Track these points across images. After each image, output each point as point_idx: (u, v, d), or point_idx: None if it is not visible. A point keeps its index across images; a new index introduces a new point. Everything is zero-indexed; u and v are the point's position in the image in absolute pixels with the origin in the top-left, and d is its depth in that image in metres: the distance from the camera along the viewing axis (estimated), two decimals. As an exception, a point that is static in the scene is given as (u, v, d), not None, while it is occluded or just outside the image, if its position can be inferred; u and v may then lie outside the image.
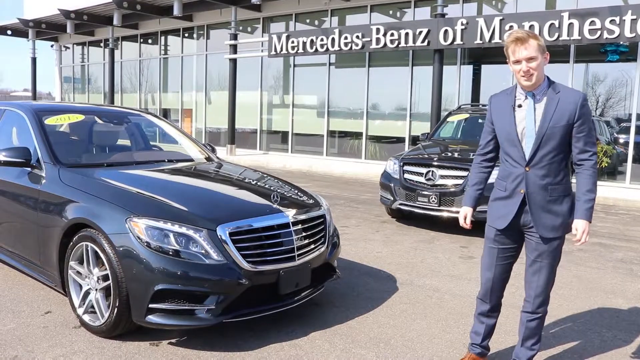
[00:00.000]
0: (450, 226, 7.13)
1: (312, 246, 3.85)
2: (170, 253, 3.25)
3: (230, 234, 3.37)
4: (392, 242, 6.43)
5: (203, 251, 3.29)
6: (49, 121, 4.46)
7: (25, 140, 4.33)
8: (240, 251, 3.38)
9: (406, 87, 14.43)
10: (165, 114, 21.09)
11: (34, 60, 24.24)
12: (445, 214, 6.79)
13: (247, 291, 3.41)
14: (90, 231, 3.47)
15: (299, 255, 3.68)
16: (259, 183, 4.45)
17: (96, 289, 3.51)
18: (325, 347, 3.52)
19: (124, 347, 3.40)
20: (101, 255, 3.41)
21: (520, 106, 2.96)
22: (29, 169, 4.11)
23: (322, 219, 4.07)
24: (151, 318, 3.25)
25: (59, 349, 3.35)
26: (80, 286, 3.62)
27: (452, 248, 6.22)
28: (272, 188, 4.25)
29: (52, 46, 24.85)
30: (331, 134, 16.03)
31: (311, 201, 4.21)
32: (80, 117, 4.74)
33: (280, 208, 3.74)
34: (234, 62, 16.54)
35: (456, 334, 3.79)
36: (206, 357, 3.32)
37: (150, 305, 3.23)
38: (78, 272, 3.63)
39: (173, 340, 3.50)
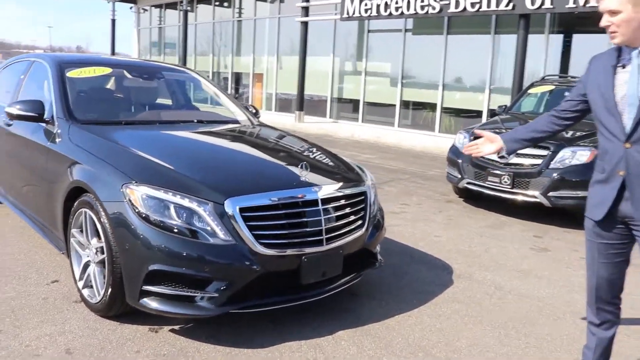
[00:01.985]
0: (524, 211, 6.25)
1: (347, 228, 3.22)
2: (169, 228, 2.74)
3: (242, 210, 2.80)
4: (455, 226, 5.67)
5: (208, 228, 2.76)
6: (72, 74, 4.07)
7: (45, 94, 3.96)
8: (253, 230, 2.81)
9: (487, 57, 13.21)
10: (238, 78, 20.88)
11: (113, 22, 24.81)
12: (519, 198, 5.92)
13: (259, 279, 2.86)
14: (89, 197, 3.04)
15: (328, 239, 3.07)
16: (292, 151, 3.84)
17: (94, 262, 3.08)
18: (351, 351, 2.92)
19: (119, 330, 2.97)
20: (97, 224, 2.96)
21: (623, 67, 2.25)
22: (43, 124, 3.74)
23: (362, 197, 3.43)
24: (145, 302, 2.78)
25: (48, 326, 2.97)
26: (81, 257, 3.22)
27: (523, 237, 5.38)
28: (305, 157, 3.64)
29: (130, 8, 25.24)
30: (404, 104, 15.11)
31: (351, 175, 3.57)
32: (106, 71, 4.32)
33: (310, 181, 3.13)
34: (305, 25, 15.89)
35: (516, 348, 3.07)
36: (207, 351, 2.82)
37: (144, 287, 2.76)
38: (79, 242, 3.23)
39: (176, 327, 3.03)
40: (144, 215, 2.75)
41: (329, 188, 3.19)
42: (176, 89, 4.84)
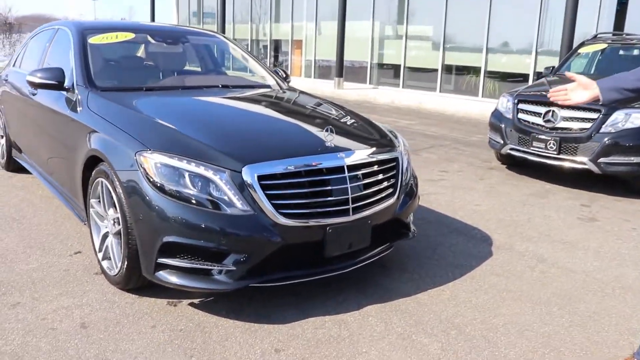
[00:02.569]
0: (571, 179, 5.87)
1: (376, 197, 3.01)
2: (183, 198, 2.59)
3: (260, 178, 2.62)
4: (496, 194, 5.36)
5: (225, 197, 2.59)
6: (94, 40, 3.94)
7: (69, 61, 3.86)
8: (272, 200, 2.63)
9: (534, 18, 12.49)
10: (277, 46, 20.61)
11: (154, -8, 24.79)
12: (566, 164, 5.53)
13: (280, 251, 2.69)
14: (105, 166, 2.92)
15: (355, 208, 2.86)
16: (319, 116, 3.62)
17: (112, 233, 2.99)
18: (378, 329, 2.74)
19: (137, 304, 2.88)
20: (113, 194, 2.85)
21: None
22: (64, 92, 3.64)
23: (393, 164, 3.19)
24: (161, 275, 2.66)
25: (66, 299, 2.91)
26: (99, 228, 3.13)
27: (569, 206, 5.03)
28: (333, 122, 3.42)
29: (171, -22, 25.17)
30: (446, 69, 14.56)
31: (382, 140, 3.33)
32: (129, 36, 4.17)
33: (336, 147, 2.92)
34: (343, -12, 15.42)
35: (558, 327, 2.82)
36: (226, 327, 2.69)
37: (159, 260, 2.64)
38: (97, 212, 3.14)
39: (195, 301, 2.92)
40: (157, 185, 2.61)
41: (356, 154, 2.97)
42: (202, 54, 4.66)
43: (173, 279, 2.64)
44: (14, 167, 5.25)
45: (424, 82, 15.03)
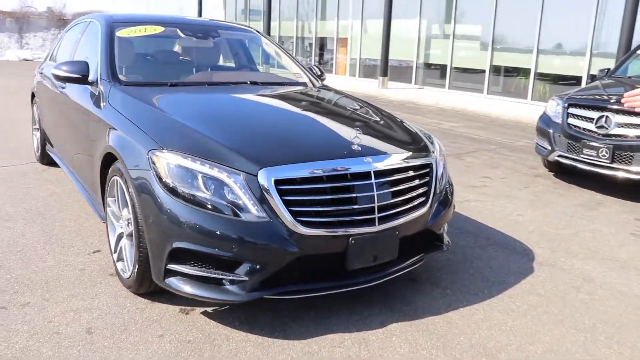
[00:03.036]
0: (624, 190, 5.44)
1: (405, 206, 2.77)
2: (195, 201, 2.42)
3: (277, 182, 2.43)
4: (542, 204, 5.01)
5: (239, 202, 2.41)
6: (121, 33, 3.85)
7: (97, 55, 3.77)
8: (290, 206, 2.44)
9: (588, 18, 11.85)
10: (322, 43, 20.43)
11: (202, -11, 25.08)
12: (619, 174, 5.12)
13: (297, 262, 2.49)
14: (120, 164, 2.80)
15: (381, 218, 2.64)
16: (349, 117, 3.40)
17: (126, 235, 2.86)
18: (402, 350, 2.51)
19: (148, 309, 2.74)
20: (126, 193, 2.72)
21: None
22: (89, 86, 3.56)
23: (426, 170, 2.95)
24: (171, 281, 2.51)
25: (76, 301, 2.80)
26: (115, 228, 3.02)
27: (622, 220, 4.63)
28: (363, 124, 3.20)
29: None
30: (494, 70, 14.04)
31: (415, 144, 3.09)
32: (157, 29, 4.06)
33: (363, 151, 2.70)
34: (390, -14, 15.10)
35: (604, 358, 2.51)
36: (237, 340, 2.52)
37: (169, 266, 2.49)
38: (113, 212, 3.02)
39: (209, 310, 2.76)
40: (169, 186, 2.46)
41: (385, 159, 2.75)
42: (233, 48, 4.52)
43: (183, 286, 2.48)
44: (47, 160, 5.26)
45: (471, 84, 14.55)
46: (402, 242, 2.78)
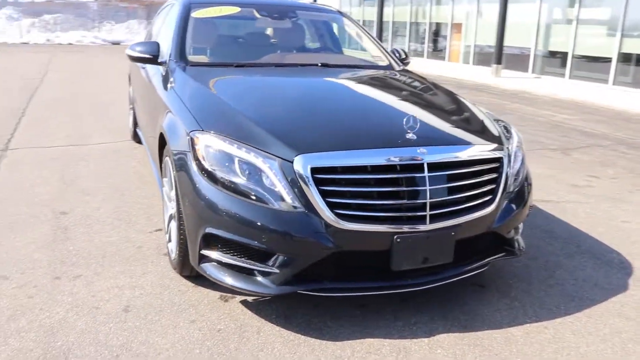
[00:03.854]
0: None
1: (465, 204, 2.46)
2: (228, 186, 2.31)
3: (314, 170, 2.24)
4: (656, 211, 4.34)
5: (275, 190, 2.26)
6: (197, 14, 3.84)
7: (173, 35, 3.80)
8: (328, 197, 2.24)
9: None
10: (436, 29, 19.67)
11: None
12: None
13: (334, 257, 2.30)
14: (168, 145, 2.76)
15: (434, 215, 2.36)
16: (415, 103, 3.08)
17: (174, 216, 2.83)
18: (444, 366, 2.23)
19: (189, 293, 2.70)
20: (171, 175, 2.68)
21: None
22: (160, 67, 3.59)
23: (495, 165, 2.60)
24: (206, 267, 2.43)
25: (124, 278, 2.83)
26: (167, 209, 3.01)
27: None
28: (427, 111, 2.90)
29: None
30: (623, 58, 12.61)
31: (484, 135, 2.75)
32: (233, 10, 4.01)
33: (419, 139, 2.43)
34: (509, -34, 14.10)
35: (701, 407, 2.06)
36: (268, 334, 2.39)
37: (202, 252, 2.41)
38: (166, 192, 3.01)
39: (249, 300, 2.66)
40: (205, 169, 2.37)
41: (443, 150, 2.46)
42: (311, 29, 4.36)
43: (216, 273, 2.39)
44: (138, 139, 5.48)
45: (594, 73, 13.21)
46: (460, 245, 2.48)
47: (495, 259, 2.72)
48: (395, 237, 2.29)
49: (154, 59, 3.52)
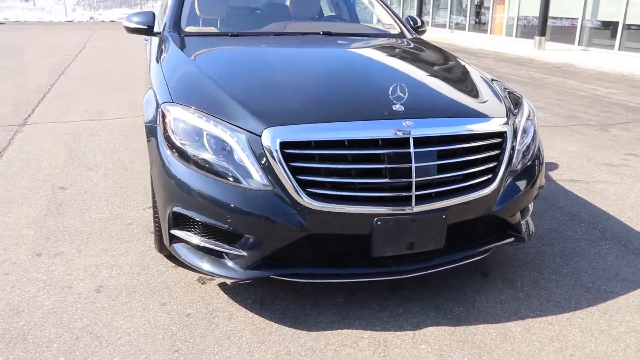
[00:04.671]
0: None
1: (458, 185, 2.21)
2: (195, 161, 2.14)
3: (284, 145, 2.04)
4: (698, 194, 3.94)
5: (243, 166, 2.08)
6: (198, -19, 3.65)
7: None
8: (299, 174, 2.04)
9: None
10: (479, 1, 18.84)
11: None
12: None
13: (307, 241, 2.11)
14: (148, 118, 2.61)
15: (420, 196, 2.13)
16: (413, 73, 2.79)
17: (155, 193, 2.70)
18: (426, 362, 2.02)
19: (167, 274, 2.57)
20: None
21: None
22: (155, 38, 3.44)
23: (496, 140, 2.33)
24: (177, 247, 2.28)
25: (104, 256, 2.73)
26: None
27: None
28: (425, 81, 2.64)
29: None
30: (682, 27, 11.71)
31: (486, 107, 2.46)
32: (237, -24, 3.80)
33: (407, 111, 2.19)
34: None
35: None
36: (240, 320, 2.23)
37: (172, 232, 2.26)
38: (151, 168, 2.88)
39: (228, 282, 2.51)
40: (172, 143, 2.21)
41: (434, 123, 2.20)
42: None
43: (186, 254, 2.24)
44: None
45: (650, 44, 12.34)
46: (454, 229, 2.25)
47: (497, 246, 2.47)
48: (375, 219, 2.08)
49: (149, 30, 3.37)
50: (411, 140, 2.11)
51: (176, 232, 2.24)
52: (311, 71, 2.69)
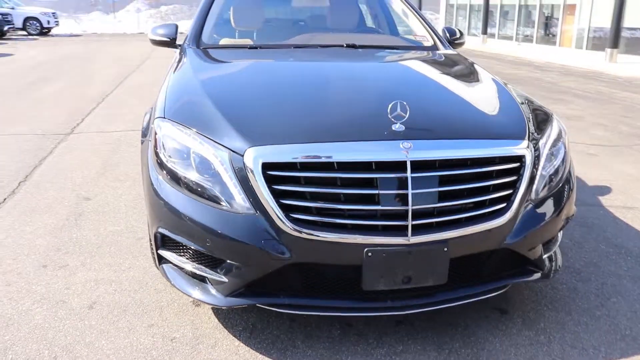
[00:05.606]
0: None
1: (463, 214, 2.00)
2: (179, 180, 2.04)
3: (267, 166, 1.91)
4: None
5: (225, 187, 1.95)
6: (225, -7, 3.62)
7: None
8: (282, 198, 1.90)
9: None
10: (547, 11, 18.06)
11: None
12: None
13: (293, 270, 1.96)
14: (151, 134, 2.56)
15: (418, 226, 1.93)
16: (428, 91, 2.58)
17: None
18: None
19: (164, 293, 2.50)
20: (147, 166, 2.48)
21: None
22: (177, 50, 3.42)
23: (513, 165, 2.09)
24: (166, 268, 2.20)
25: (107, 271, 2.69)
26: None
27: None
28: (438, 99, 2.45)
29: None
30: None
31: (500, 129, 2.23)
32: (266, -11, 3.73)
33: (405, 132, 2.01)
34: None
35: None
36: (224, 348, 2.12)
37: (159, 252, 2.17)
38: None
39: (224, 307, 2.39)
40: (160, 160, 2.13)
41: (436, 146, 2.01)
42: (349, 7, 3.95)
43: (173, 276, 2.15)
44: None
45: None
46: (459, 263, 2.04)
47: (513, 283, 2.22)
48: (366, 250, 1.90)
49: (172, 42, 3.35)
50: (408, 164, 1.92)
51: (163, 253, 2.16)
52: (312, 87, 2.54)
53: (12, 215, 3.37)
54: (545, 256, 2.29)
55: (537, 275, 2.25)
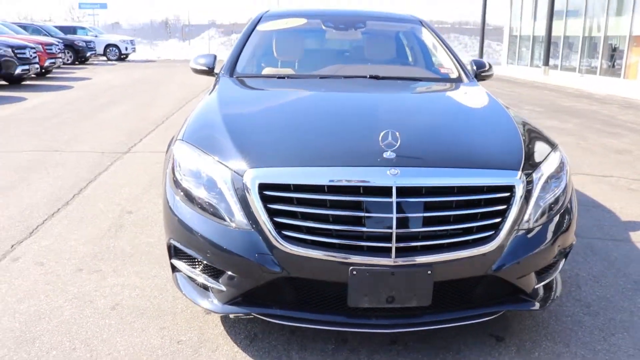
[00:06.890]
0: None
1: (448, 240, 2.11)
2: (189, 197, 2.27)
3: (263, 187, 2.10)
4: None
5: (227, 204, 2.16)
6: (263, 27, 3.91)
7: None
8: (276, 217, 2.08)
9: None
10: (612, 43, 17.50)
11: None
12: None
13: (284, 283, 2.14)
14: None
15: (402, 249, 2.06)
16: (429, 121, 2.71)
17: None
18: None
19: (180, 300, 2.72)
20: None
21: None
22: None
23: (503, 194, 2.18)
24: (178, 277, 2.42)
25: (134, 277, 2.95)
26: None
27: None
28: (437, 129, 2.58)
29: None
30: None
31: (492, 159, 2.32)
32: (299, 22, 3.98)
33: (396, 160, 2.15)
34: None
35: None
36: (223, 352, 2.30)
37: (172, 261, 2.41)
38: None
39: (231, 315, 2.58)
40: (174, 178, 2.37)
41: (422, 173, 2.14)
42: (378, 40, 4.13)
43: (183, 285, 2.38)
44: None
45: None
46: (444, 286, 2.15)
47: (505, 310, 2.28)
48: (351, 269, 2.05)
49: (210, 71, 3.65)
50: (394, 190, 2.06)
51: (175, 262, 2.38)
52: (318, 115, 2.74)
53: (62, 224, 3.73)
54: (538, 285, 2.34)
55: (531, 304, 2.30)
